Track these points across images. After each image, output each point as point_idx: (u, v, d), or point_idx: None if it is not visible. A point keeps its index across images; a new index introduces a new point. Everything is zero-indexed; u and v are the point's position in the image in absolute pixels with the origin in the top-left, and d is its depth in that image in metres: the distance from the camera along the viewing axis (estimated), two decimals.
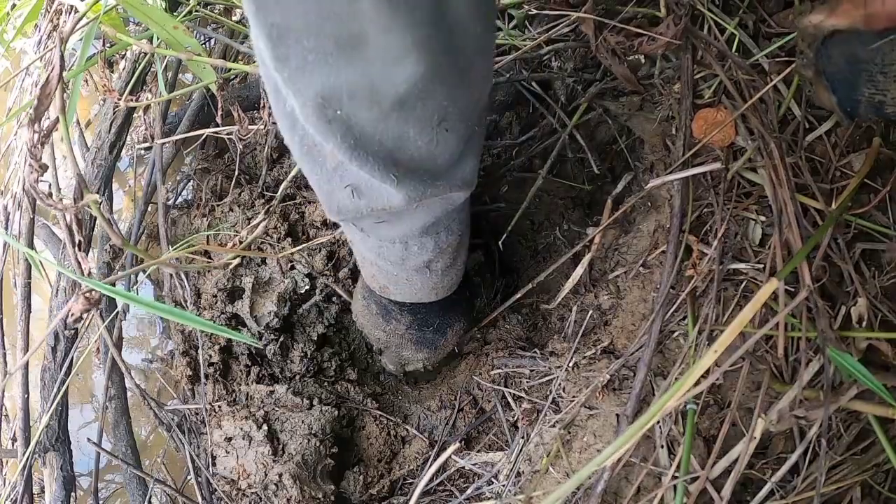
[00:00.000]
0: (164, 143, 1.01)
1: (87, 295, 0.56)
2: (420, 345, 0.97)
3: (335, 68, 0.47)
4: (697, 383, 0.64)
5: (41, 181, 0.55)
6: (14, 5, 0.93)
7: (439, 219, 0.70)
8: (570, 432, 0.82)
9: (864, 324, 0.71)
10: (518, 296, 0.99)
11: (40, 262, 0.89)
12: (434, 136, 0.55)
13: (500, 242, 1.06)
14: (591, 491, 0.74)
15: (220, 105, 0.88)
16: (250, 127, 0.92)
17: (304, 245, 1.00)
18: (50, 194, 0.56)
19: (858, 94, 0.64)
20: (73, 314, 0.57)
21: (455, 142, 0.58)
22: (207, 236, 1.04)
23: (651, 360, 0.77)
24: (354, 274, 1.09)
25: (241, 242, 0.79)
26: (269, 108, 0.93)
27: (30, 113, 0.55)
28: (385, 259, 0.77)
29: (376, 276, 0.84)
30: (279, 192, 1.00)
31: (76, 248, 0.59)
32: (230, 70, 0.86)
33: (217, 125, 1.10)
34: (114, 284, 0.60)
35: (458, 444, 0.91)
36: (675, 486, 0.72)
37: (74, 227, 0.59)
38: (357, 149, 0.53)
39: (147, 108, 1.03)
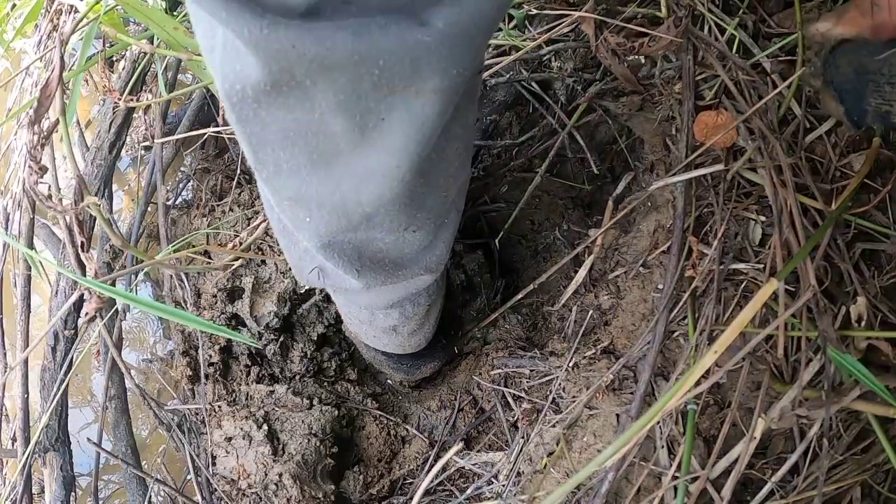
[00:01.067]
0: (164, 144, 1.01)
1: (100, 294, 0.57)
2: (397, 371, 1.04)
3: (307, 181, 0.48)
4: (698, 384, 0.64)
5: (41, 182, 0.55)
6: (14, 5, 0.93)
7: (403, 298, 0.72)
8: (570, 432, 0.82)
9: (863, 323, 0.71)
10: (519, 297, 0.99)
11: (40, 263, 0.89)
12: (401, 236, 0.57)
13: (497, 241, 1.06)
14: (596, 491, 0.73)
15: (222, 106, 0.87)
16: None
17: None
18: (49, 196, 0.56)
19: (865, 105, 0.64)
20: (86, 314, 0.58)
21: (423, 237, 0.59)
22: (207, 236, 1.04)
23: (655, 360, 0.77)
24: None
25: (241, 243, 0.79)
26: None
27: (30, 114, 0.55)
28: (354, 317, 0.82)
29: (349, 324, 0.89)
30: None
31: (79, 250, 0.60)
32: None
33: (217, 125, 1.10)
34: (114, 284, 0.60)
35: (460, 445, 0.91)
36: (675, 486, 0.72)
37: (76, 229, 0.59)
38: (325, 248, 0.56)
39: (147, 108, 1.03)
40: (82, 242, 0.60)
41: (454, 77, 0.40)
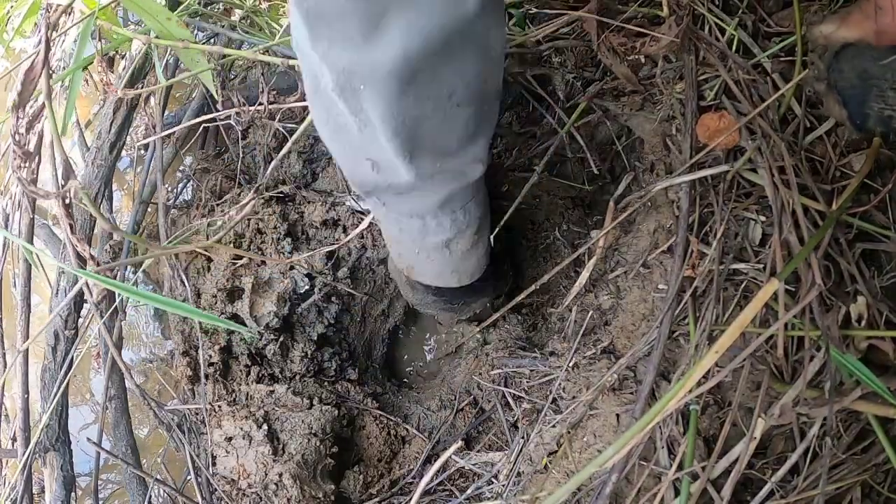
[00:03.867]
0: (163, 144, 1.01)
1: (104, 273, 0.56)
2: (445, 311, 1.02)
3: (358, 49, 0.54)
4: (700, 384, 0.64)
5: (24, 168, 0.54)
6: (12, 6, 0.93)
7: (454, 195, 0.75)
8: (570, 432, 0.82)
9: (863, 323, 0.71)
10: (520, 297, 0.99)
11: (37, 257, 0.88)
12: (447, 112, 0.62)
13: (491, 237, 1.06)
14: (599, 492, 0.73)
15: (220, 99, 0.87)
16: (248, 108, 0.92)
17: (307, 253, 1.00)
18: (34, 181, 0.55)
19: (868, 109, 0.65)
20: (95, 299, 0.57)
21: (466, 118, 0.64)
22: (206, 236, 1.04)
23: (660, 360, 0.77)
24: (353, 273, 1.10)
25: (228, 223, 0.78)
26: (269, 96, 0.93)
27: (14, 98, 0.55)
28: (406, 235, 0.81)
29: (402, 255, 0.88)
30: (268, 170, 0.98)
31: (68, 234, 0.59)
32: (225, 56, 0.85)
33: (214, 120, 1.10)
34: (114, 276, 0.60)
35: (459, 444, 0.91)
36: (675, 486, 0.72)
37: (62, 213, 0.58)
38: (382, 122, 0.60)
39: (147, 100, 1.03)
40: (70, 225, 0.59)
41: None
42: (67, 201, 0.59)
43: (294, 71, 0.94)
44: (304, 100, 0.74)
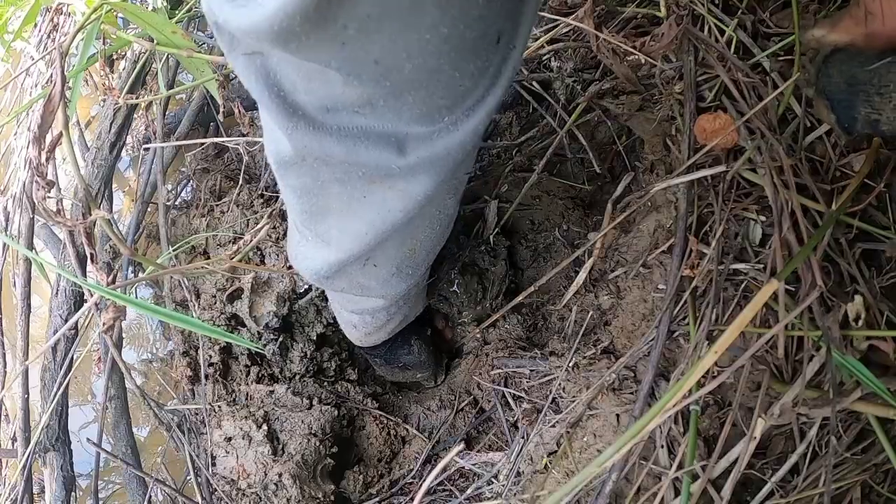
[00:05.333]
0: (164, 145, 1.01)
1: (116, 305, 0.58)
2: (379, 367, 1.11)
3: (306, 221, 0.66)
4: (701, 385, 0.64)
5: (49, 198, 0.55)
6: (12, 8, 0.93)
7: (363, 310, 0.87)
8: (570, 432, 0.82)
9: (860, 322, 0.71)
10: (519, 298, 0.99)
11: (41, 264, 0.89)
12: (363, 266, 0.71)
13: (491, 237, 1.06)
14: (599, 491, 0.73)
15: (222, 104, 0.87)
16: (256, 140, 0.92)
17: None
18: (59, 211, 0.56)
19: (855, 113, 0.66)
20: (105, 324, 0.59)
21: (384, 275, 0.74)
22: (206, 237, 1.04)
23: (659, 360, 0.77)
24: None
25: (242, 247, 0.79)
26: None
27: (34, 131, 0.56)
28: (330, 300, 0.95)
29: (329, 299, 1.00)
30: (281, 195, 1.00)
31: (89, 261, 0.60)
32: (230, 67, 0.85)
33: (217, 124, 1.10)
34: (114, 276, 0.60)
35: (461, 445, 0.91)
36: (675, 486, 0.72)
37: (85, 242, 0.59)
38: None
39: (148, 106, 1.03)
40: (92, 255, 0.60)
41: (418, 195, 0.55)
42: (90, 231, 0.60)
43: None
44: None
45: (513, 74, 0.49)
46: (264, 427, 0.90)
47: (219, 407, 0.94)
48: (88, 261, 0.61)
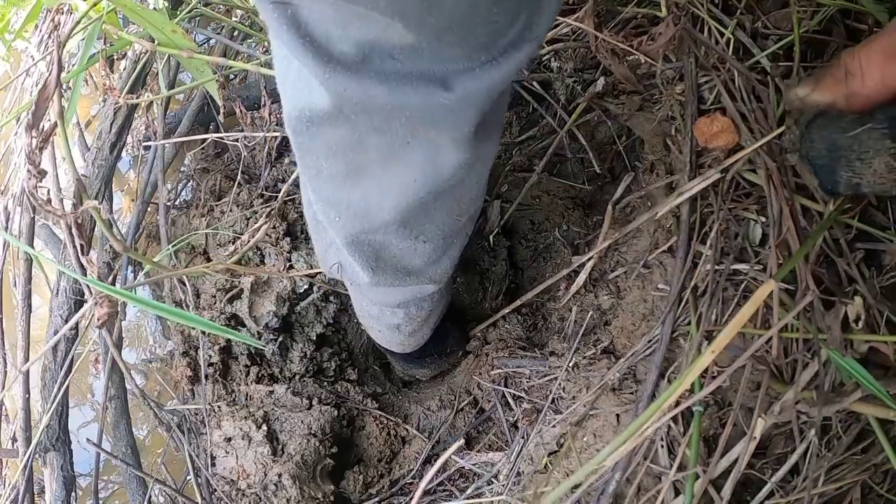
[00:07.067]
0: (164, 144, 1.01)
1: (110, 299, 0.57)
2: (394, 361, 1.11)
3: (341, 187, 0.58)
4: (703, 386, 0.64)
5: (40, 186, 0.55)
6: (15, 10, 0.93)
7: (409, 300, 0.80)
8: (570, 432, 0.82)
9: (860, 323, 0.71)
10: (520, 302, 1.00)
11: (40, 261, 0.89)
12: (413, 244, 0.66)
13: (491, 237, 1.06)
14: (602, 491, 0.73)
15: (222, 104, 0.88)
16: (254, 135, 0.92)
17: (306, 253, 1.00)
18: (49, 200, 0.56)
19: (838, 177, 0.69)
20: (99, 318, 0.58)
21: (431, 250, 0.68)
22: (206, 237, 1.04)
23: (661, 360, 0.77)
24: None
25: (241, 246, 0.79)
26: (270, 108, 0.93)
27: (28, 118, 0.55)
28: (365, 311, 0.88)
29: (360, 317, 0.94)
30: (280, 195, 1.00)
31: (79, 252, 0.60)
32: (230, 68, 0.86)
33: (217, 124, 1.10)
34: (114, 283, 0.60)
35: (461, 442, 0.91)
36: (675, 486, 0.72)
37: (75, 233, 0.59)
38: (349, 245, 0.65)
39: (148, 107, 1.03)
40: (82, 245, 0.60)
41: (465, 131, 0.51)
42: (80, 221, 0.60)
43: None
44: None
45: (548, 23, 0.48)
46: (264, 427, 0.91)
47: (218, 407, 0.94)
48: (79, 252, 0.61)
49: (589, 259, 0.93)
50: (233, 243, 0.99)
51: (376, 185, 0.57)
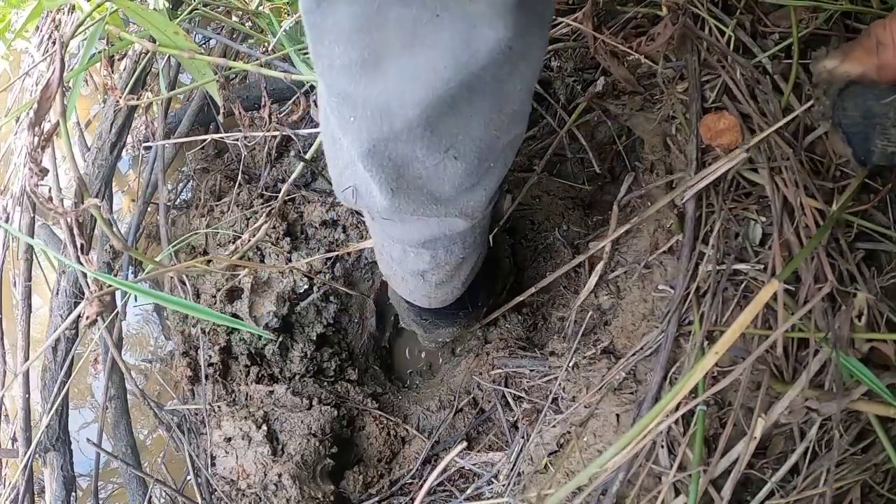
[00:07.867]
0: (164, 144, 1.01)
1: (101, 298, 0.57)
2: (416, 324, 0.99)
3: (356, 78, 0.49)
4: (706, 388, 0.64)
5: (41, 185, 0.55)
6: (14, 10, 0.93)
7: (437, 238, 0.70)
8: (570, 432, 0.82)
9: (863, 320, 0.71)
10: (520, 299, 0.99)
11: (44, 252, 0.88)
12: (442, 161, 0.55)
13: (491, 237, 1.06)
14: (605, 491, 0.73)
15: (222, 105, 0.88)
16: (254, 135, 0.92)
17: (306, 254, 1.00)
18: (50, 198, 0.56)
19: (872, 146, 0.67)
20: (88, 317, 0.58)
21: (464, 171, 0.57)
22: (206, 237, 1.04)
23: (666, 361, 0.77)
24: (351, 273, 1.10)
25: (241, 245, 0.79)
26: (270, 109, 0.93)
27: (30, 116, 0.55)
28: (386, 252, 0.78)
29: (382, 266, 0.85)
30: (280, 195, 1.00)
31: (79, 251, 0.60)
32: (230, 69, 0.86)
33: (217, 125, 1.10)
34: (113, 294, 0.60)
35: (463, 444, 0.91)
36: (675, 486, 0.72)
37: (76, 231, 0.59)
38: (367, 155, 0.54)
39: (148, 107, 1.03)
40: (82, 245, 0.60)
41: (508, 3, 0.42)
42: (81, 220, 0.60)
43: (295, 85, 0.94)
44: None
45: None
46: (264, 427, 0.91)
47: (218, 407, 0.94)
48: (79, 251, 0.60)
49: (600, 261, 0.92)
50: (233, 243, 0.99)
51: (398, 73, 0.48)
